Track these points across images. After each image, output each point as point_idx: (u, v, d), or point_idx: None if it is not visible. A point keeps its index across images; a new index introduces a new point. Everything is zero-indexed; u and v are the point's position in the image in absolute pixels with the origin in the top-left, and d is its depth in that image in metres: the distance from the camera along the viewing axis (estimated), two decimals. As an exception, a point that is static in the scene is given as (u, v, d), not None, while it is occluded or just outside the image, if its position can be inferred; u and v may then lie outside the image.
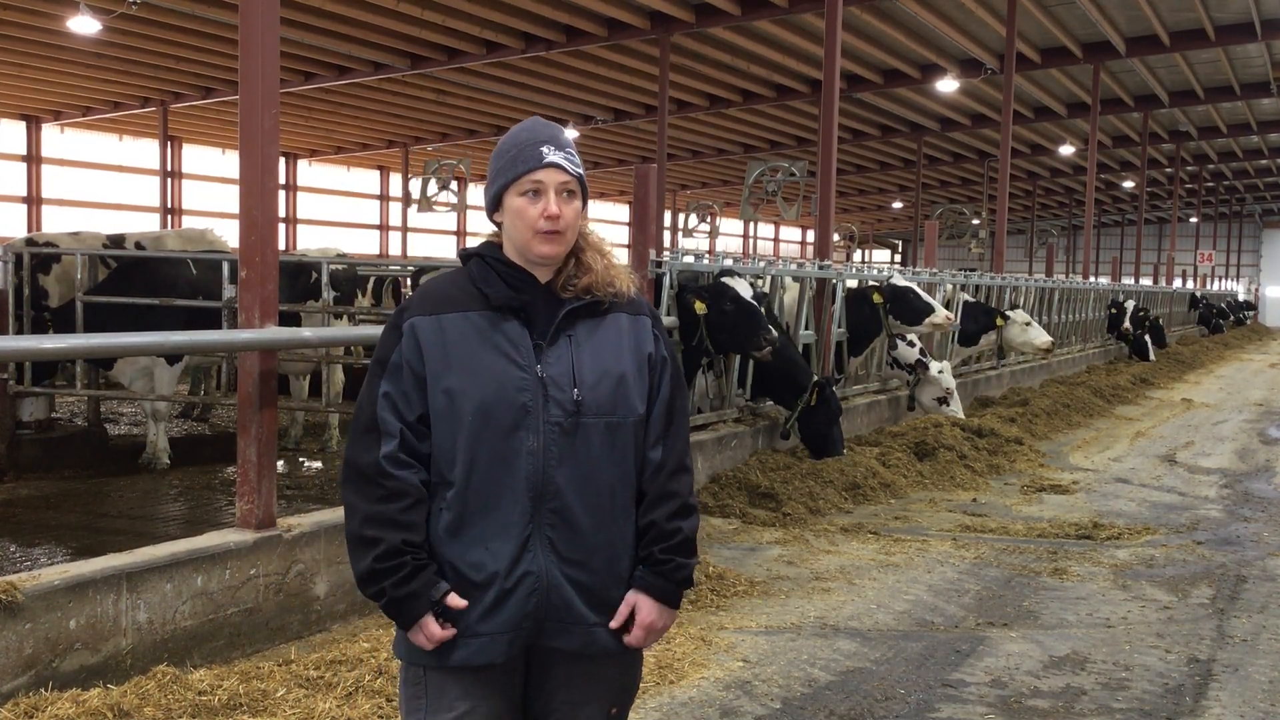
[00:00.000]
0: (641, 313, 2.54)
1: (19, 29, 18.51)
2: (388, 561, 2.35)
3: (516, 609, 2.38)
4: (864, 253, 51.57)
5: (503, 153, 2.48)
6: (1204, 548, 7.52)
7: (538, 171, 2.42)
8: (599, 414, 2.41)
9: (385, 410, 2.40)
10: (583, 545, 2.40)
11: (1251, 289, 55.92)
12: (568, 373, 2.40)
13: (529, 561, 2.38)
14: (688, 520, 2.49)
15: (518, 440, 2.37)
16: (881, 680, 4.90)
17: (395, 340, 2.43)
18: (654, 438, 2.49)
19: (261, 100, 5.14)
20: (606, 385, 2.42)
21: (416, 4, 17.22)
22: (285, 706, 4.11)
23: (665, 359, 2.53)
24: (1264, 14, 19.56)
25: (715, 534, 7.60)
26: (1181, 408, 16.22)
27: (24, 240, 10.43)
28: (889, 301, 10.88)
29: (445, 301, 2.44)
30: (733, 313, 8.19)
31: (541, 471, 2.37)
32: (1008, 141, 18.21)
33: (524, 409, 2.37)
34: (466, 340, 2.40)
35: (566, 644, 2.43)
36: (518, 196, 2.43)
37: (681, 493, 2.49)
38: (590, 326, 2.46)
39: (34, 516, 7.45)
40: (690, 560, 2.49)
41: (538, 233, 2.41)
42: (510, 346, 2.40)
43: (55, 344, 5.20)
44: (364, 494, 2.39)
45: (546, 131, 2.50)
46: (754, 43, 20.19)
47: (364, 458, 2.40)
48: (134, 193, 29.70)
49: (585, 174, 2.58)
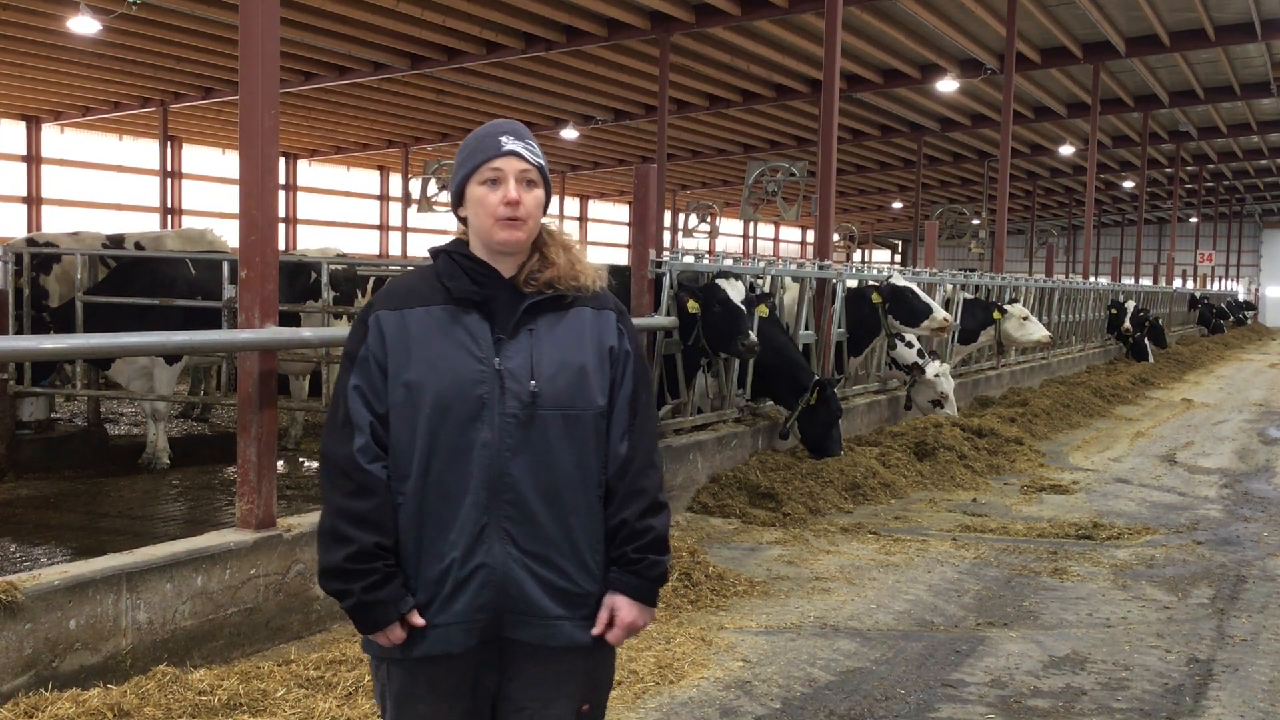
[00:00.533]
0: (606, 307, 2.55)
1: (19, 29, 18.50)
2: (359, 564, 2.39)
3: (470, 600, 2.40)
4: (864, 253, 51.59)
5: (464, 148, 2.53)
6: (1204, 548, 7.52)
7: (496, 159, 2.45)
8: (556, 406, 2.43)
9: (356, 402, 2.44)
10: (542, 537, 2.42)
11: (1251, 289, 55.91)
12: (526, 365, 2.43)
13: (483, 553, 2.40)
14: (658, 517, 2.51)
15: (473, 432, 2.40)
16: (881, 680, 4.90)
17: (362, 334, 2.48)
18: (619, 432, 2.51)
19: (261, 100, 5.14)
20: (565, 377, 2.44)
21: (416, 4, 17.21)
22: (285, 706, 4.11)
23: (628, 353, 2.54)
24: (1264, 14, 19.55)
25: (715, 534, 7.60)
26: (1181, 408, 16.22)
27: (24, 240, 10.43)
28: (888, 301, 10.87)
29: (410, 296, 2.48)
30: (719, 313, 8.21)
31: (497, 463, 2.40)
32: (1008, 141, 18.20)
33: (480, 401, 2.40)
34: (427, 333, 2.43)
35: (527, 636, 2.44)
36: (478, 186, 2.46)
37: (650, 490, 2.51)
38: (552, 320, 2.48)
39: (34, 516, 7.45)
40: (663, 557, 2.52)
41: (498, 220, 2.44)
42: (469, 339, 2.43)
43: (55, 344, 5.19)
44: (338, 486, 2.43)
45: (507, 125, 2.52)
46: (754, 43, 20.19)
47: (339, 450, 2.44)
48: (134, 193, 29.70)
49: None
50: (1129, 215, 51.95)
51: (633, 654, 4.98)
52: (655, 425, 2.60)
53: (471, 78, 22.68)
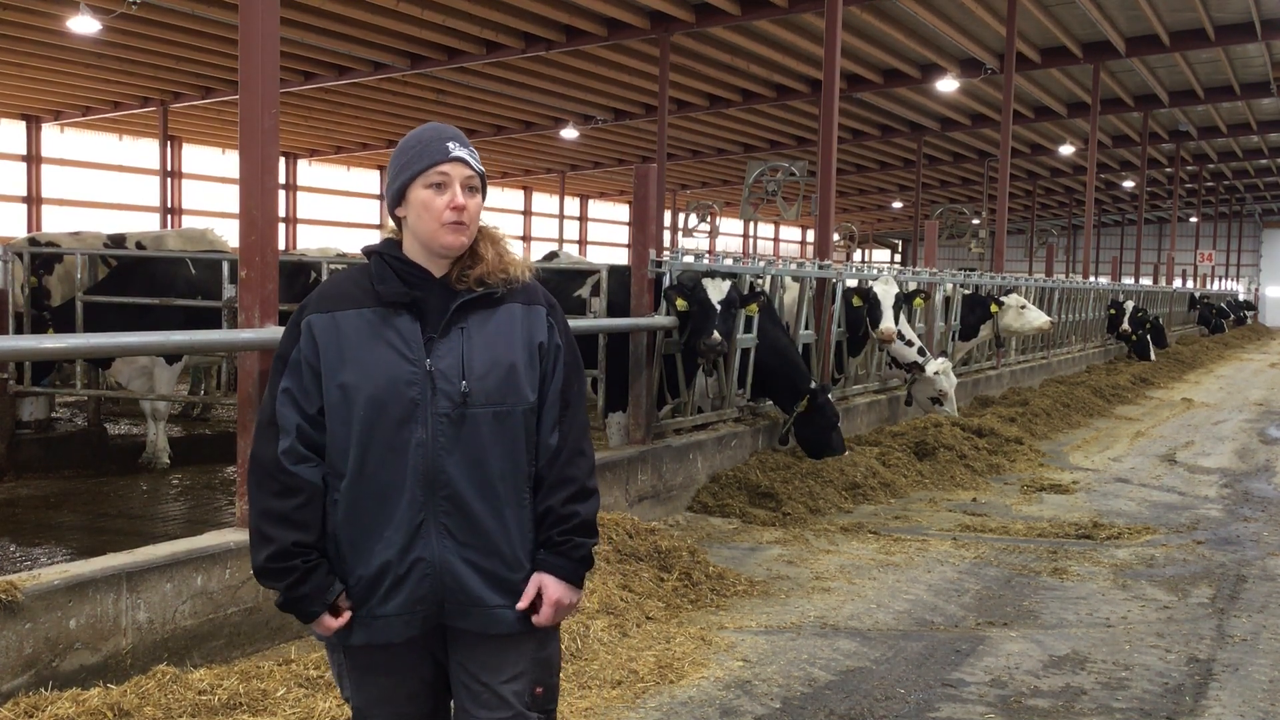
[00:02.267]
0: (536, 302, 2.60)
1: (19, 29, 18.50)
2: (279, 563, 2.48)
3: (409, 593, 2.49)
4: (864, 253, 51.57)
5: (406, 149, 2.56)
6: (1204, 547, 7.52)
7: (444, 165, 2.50)
8: (487, 404, 2.49)
9: (284, 405, 2.50)
10: (477, 530, 2.50)
11: (1251, 289, 55.91)
12: (457, 365, 2.49)
13: (421, 548, 2.48)
14: (585, 503, 2.58)
15: (407, 432, 2.46)
16: (881, 680, 4.90)
17: (295, 337, 2.53)
18: (549, 424, 2.58)
19: (261, 100, 5.14)
20: (496, 375, 2.50)
21: (416, 4, 17.21)
22: (285, 706, 4.11)
23: (559, 346, 2.60)
24: (1264, 14, 19.56)
25: (715, 534, 7.60)
26: (1181, 407, 16.22)
27: (26, 240, 10.43)
28: (866, 304, 10.95)
29: (342, 298, 2.53)
30: (694, 313, 8.23)
31: (432, 461, 2.47)
32: (1008, 141, 18.20)
33: (413, 402, 2.46)
34: (359, 336, 2.49)
35: (468, 625, 2.53)
36: (423, 189, 2.50)
37: (578, 477, 2.58)
38: (483, 318, 2.54)
39: (34, 516, 7.45)
40: (588, 540, 2.59)
41: (444, 224, 2.49)
42: (400, 341, 2.49)
43: (55, 344, 5.19)
44: (263, 487, 2.49)
45: (450, 131, 2.57)
46: (754, 43, 20.19)
47: (265, 452, 2.50)
48: (134, 193, 29.71)
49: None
50: (1129, 215, 51.96)
51: (633, 653, 4.98)
52: (585, 414, 2.67)
53: (471, 78, 22.69)
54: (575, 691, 4.54)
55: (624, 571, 5.86)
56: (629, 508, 7.41)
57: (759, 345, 9.14)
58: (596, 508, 2.62)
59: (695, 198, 38.67)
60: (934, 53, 21.25)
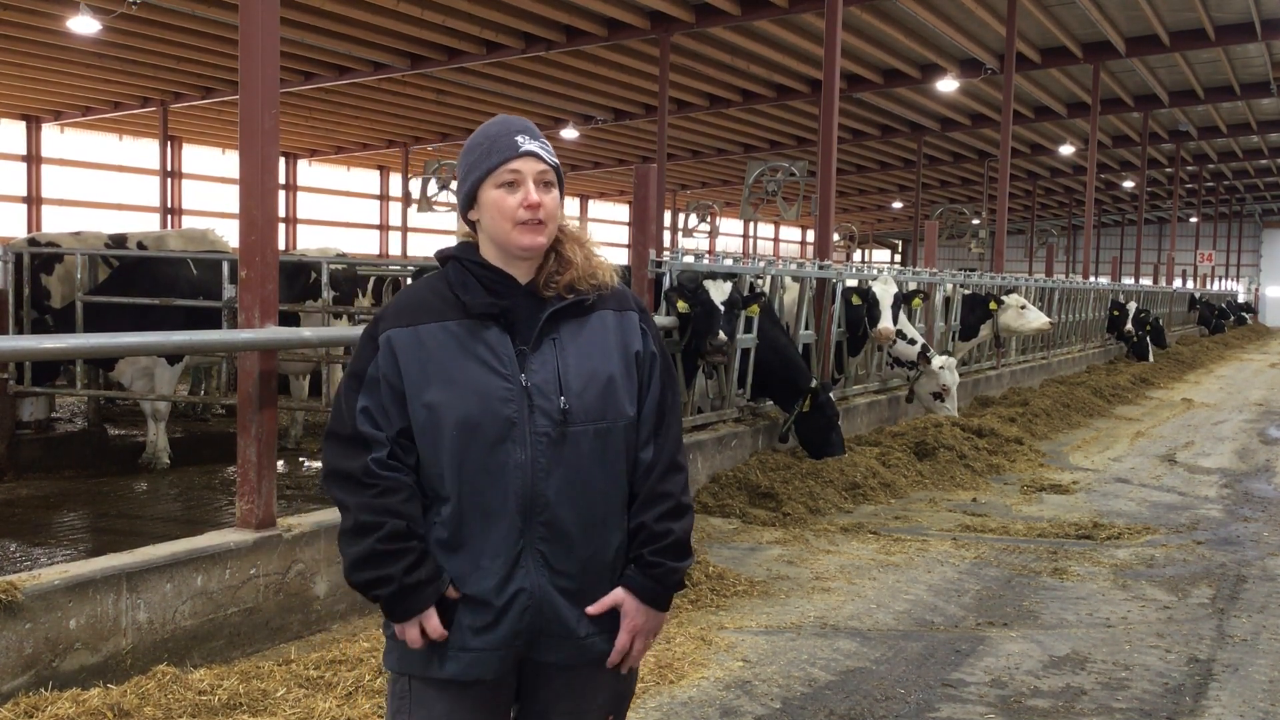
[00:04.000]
0: (628, 308, 2.44)
1: (19, 29, 18.51)
2: (394, 544, 2.26)
3: (510, 626, 2.31)
4: (864, 253, 51.57)
5: (474, 148, 2.39)
6: (1204, 548, 7.52)
7: (514, 161, 2.32)
8: (587, 421, 2.32)
9: (366, 425, 2.30)
10: (574, 557, 2.33)
11: (1251, 289, 55.91)
12: (553, 380, 2.31)
13: (522, 578, 2.30)
14: (680, 521, 2.40)
15: (504, 453, 2.28)
16: (881, 680, 4.90)
17: (371, 353, 2.33)
18: (645, 437, 2.41)
19: (261, 100, 5.14)
20: (594, 390, 2.33)
21: (416, 4, 17.22)
22: (285, 706, 4.11)
23: (654, 355, 2.43)
24: (1264, 14, 19.56)
25: (715, 534, 7.60)
26: (1181, 408, 16.22)
27: (26, 240, 10.43)
28: (865, 303, 10.94)
29: (422, 311, 2.34)
30: (697, 314, 8.23)
31: (531, 485, 2.28)
32: (1008, 141, 18.20)
33: (509, 421, 2.28)
34: (445, 351, 2.30)
35: (559, 658, 2.36)
36: (494, 189, 2.32)
37: (674, 492, 2.40)
38: (575, 327, 2.36)
39: (34, 516, 7.45)
40: (681, 564, 2.41)
41: (518, 224, 2.31)
42: (491, 355, 2.30)
43: (55, 344, 5.19)
44: (355, 492, 2.29)
45: (519, 123, 2.39)
46: (754, 43, 20.19)
47: (350, 464, 2.30)
48: (134, 193, 29.71)
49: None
50: (1129, 215, 51.95)
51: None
52: (680, 425, 2.49)
53: (471, 78, 22.69)
54: (575, 692, 4.54)
55: (624, 571, 5.86)
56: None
57: (759, 345, 9.15)
58: (691, 525, 2.43)
59: (695, 198, 38.68)
60: (934, 53, 21.25)
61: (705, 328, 8.14)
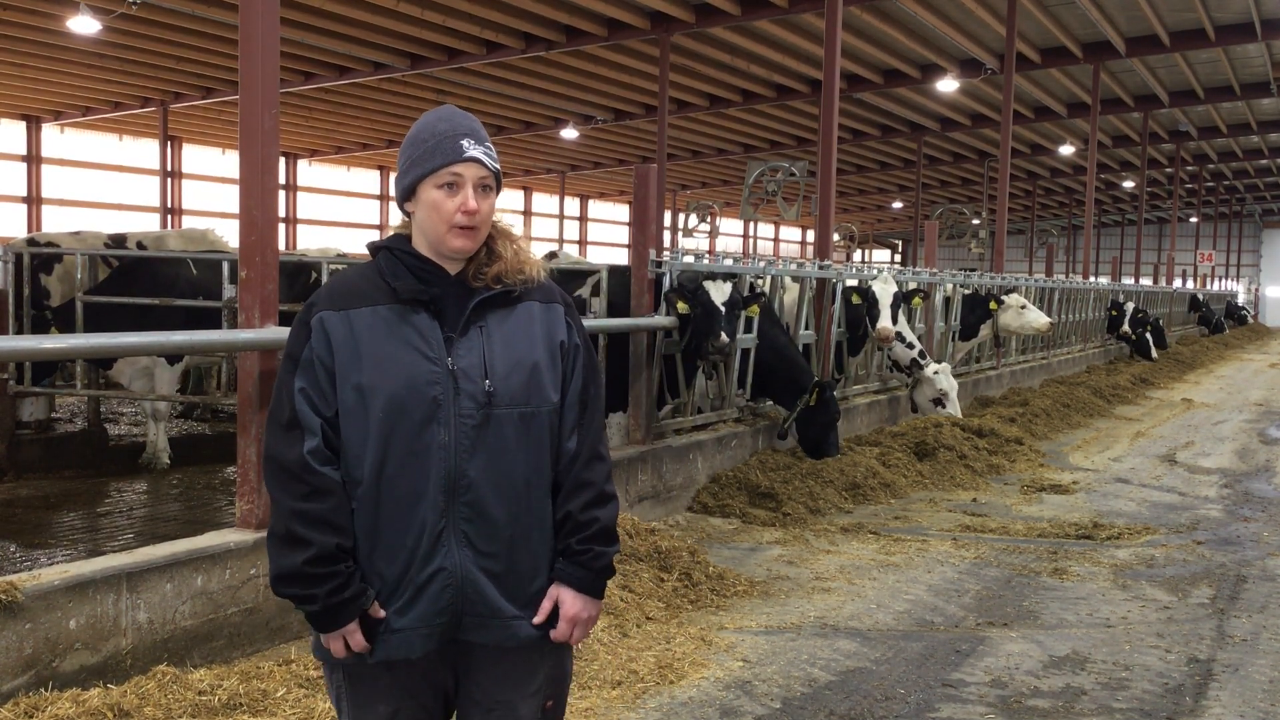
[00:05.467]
0: (554, 300, 2.51)
1: (19, 29, 18.51)
2: (321, 567, 2.32)
3: (430, 605, 2.37)
4: (864, 253, 51.58)
5: (419, 142, 2.44)
6: (1204, 548, 7.52)
7: (457, 165, 2.39)
8: (511, 405, 2.39)
9: (303, 405, 2.37)
10: (498, 538, 2.39)
11: (1251, 289, 55.90)
12: (479, 364, 2.38)
13: (443, 557, 2.37)
14: (604, 509, 2.48)
15: (429, 434, 2.35)
16: (881, 680, 4.90)
17: (305, 335, 2.40)
18: (569, 427, 2.48)
19: (261, 100, 5.14)
20: (519, 376, 2.41)
21: (416, 4, 17.22)
22: (285, 706, 4.11)
23: (578, 346, 2.51)
24: (1264, 14, 19.56)
25: (715, 534, 7.60)
26: (1181, 408, 16.22)
27: (25, 240, 10.42)
28: (865, 303, 10.93)
29: (354, 296, 2.41)
30: (698, 315, 8.23)
31: (454, 465, 2.36)
32: (1008, 141, 18.21)
33: (435, 402, 2.35)
34: (375, 335, 2.37)
35: (486, 638, 2.42)
36: (434, 189, 2.40)
37: (597, 481, 2.48)
38: (501, 316, 2.44)
39: (34, 516, 7.44)
40: (609, 549, 2.48)
41: (453, 227, 2.39)
42: (420, 340, 2.38)
43: (55, 344, 5.19)
44: (289, 490, 2.35)
45: (465, 124, 2.45)
46: (754, 43, 20.19)
47: (287, 454, 2.35)
48: (134, 193, 29.71)
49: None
50: (1129, 215, 51.96)
51: (633, 654, 4.98)
52: (603, 417, 2.58)
53: (471, 78, 22.69)
54: (575, 692, 4.54)
55: (624, 572, 5.87)
56: (629, 508, 7.41)
57: (759, 345, 9.14)
58: (616, 513, 2.52)
59: (695, 198, 38.68)
60: (934, 53, 21.25)
61: (706, 329, 8.13)
